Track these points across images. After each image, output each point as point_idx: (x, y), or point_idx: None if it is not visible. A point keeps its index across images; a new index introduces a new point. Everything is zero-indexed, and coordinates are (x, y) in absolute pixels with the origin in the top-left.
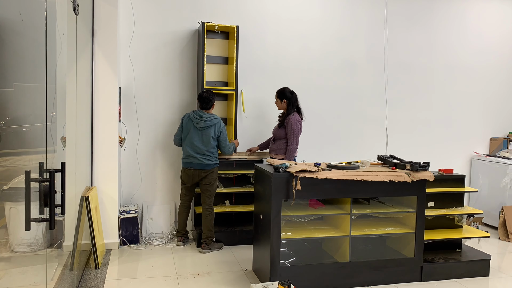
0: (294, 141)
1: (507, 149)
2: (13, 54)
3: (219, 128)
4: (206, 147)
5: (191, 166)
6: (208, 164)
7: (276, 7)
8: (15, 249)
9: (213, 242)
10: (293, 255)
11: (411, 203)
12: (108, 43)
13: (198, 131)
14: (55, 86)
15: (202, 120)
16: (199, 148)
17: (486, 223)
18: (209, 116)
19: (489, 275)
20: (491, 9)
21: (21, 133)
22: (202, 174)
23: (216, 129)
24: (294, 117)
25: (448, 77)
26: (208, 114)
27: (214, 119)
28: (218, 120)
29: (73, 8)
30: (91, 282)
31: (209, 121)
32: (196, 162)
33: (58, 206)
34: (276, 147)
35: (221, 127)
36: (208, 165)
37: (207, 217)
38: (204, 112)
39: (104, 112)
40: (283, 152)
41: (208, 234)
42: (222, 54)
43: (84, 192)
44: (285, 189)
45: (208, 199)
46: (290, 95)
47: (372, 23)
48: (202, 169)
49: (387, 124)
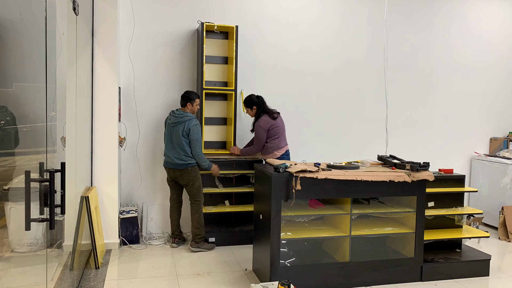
0: (256, 145)
1: (507, 149)
2: (13, 54)
3: (188, 126)
4: (177, 145)
5: (166, 164)
6: (180, 163)
7: (276, 7)
8: (15, 249)
9: (203, 242)
10: (293, 255)
11: (411, 203)
12: (108, 43)
13: (170, 128)
14: (55, 86)
15: (174, 116)
16: (171, 146)
17: (486, 223)
18: (181, 113)
19: (489, 275)
20: (491, 9)
21: (21, 133)
22: (177, 173)
23: (186, 126)
24: (260, 122)
25: (448, 77)
26: (182, 111)
27: (185, 116)
28: (190, 118)
29: (73, 8)
30: (91, 282)
31: (180, 117)
32: (169, 161)
33: (58, 206)
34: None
35: (191, 124)
36: (179, 164)
37: (194, 215)
38: (179, 110)
39: (104, 112)
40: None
41: (196, 232)
42: (221, 54)
43: (84, 192)
44: (285, 189)
45: (192, 198)
46: (257, 100)
47: (372, 24)
48: (175, 168)
49: (387, 124)
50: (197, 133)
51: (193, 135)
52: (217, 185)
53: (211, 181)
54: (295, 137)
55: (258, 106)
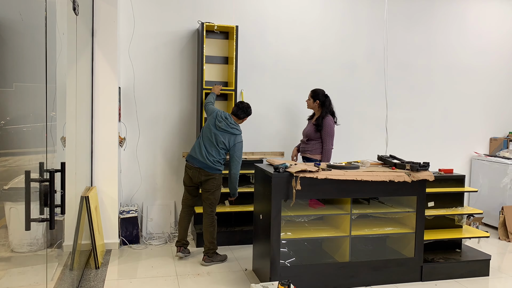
0: (330, 142)
1: (507, 149)
2: (13, 54)
3: (234, 141)
4: (215, 149)
5: (193, 161)
6: (211, 166)
7: (276, 7)
8: (15, 249)
9: (216, 254)
10: (293, 255)
11: (411, 203)
12: (108, 43)
13: (216, 130)
14: (55, 86)
15: (226, 122)
16: (209, 145)
17: (486, 223)
18: (234, 124)
19: (489, 275)
20: (491, 9)
21: (21, 133)
22: (202, 176)
23: (231, 140)
24: (330, 119)
25: (448, 77)
26: (235, 122)
27: (235, 129)
28: (238, 133)
29: (73, 8)
30: (91, 282)
31: (230, 128)
32: (200, 159)
33: (58, 206)
34: (312, 148)
35: (237, 141)
36: (210, 167)
37: (208, 228)
38: (232, 118)
39: (104, 112)
40: (319, 152)
41: (210, 246)
42: (221, 54)
43: (84, 192)
44: (285, 189)
45: (208, 208)
46: (323, 98)
47: (372, 24)
48: (203, 169)
49: (387, 124)
50: (240, 151)
51: (237, 152)
52: None
53: None
54: (295, 137)
55: (323, 104)
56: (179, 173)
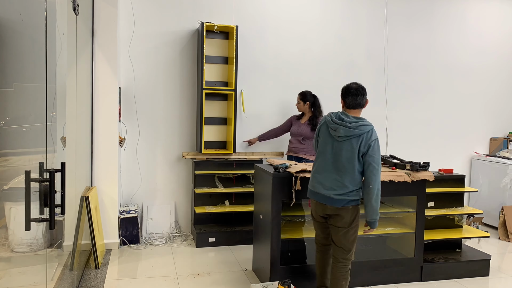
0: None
1: (507, 149)
2: (13, 54)
3: (368, 140)
4: (340, 171)
5: (314, 196)
6: (338, 199)
7: (276, 7)
8: (15, 249)
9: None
10: (293, 255)
11: (411, 203)
12: (108, 43)
13: (334, 144)
14: (55, 86)
15: (343, 125)
16: (330, 169)
17: (486, 223)
18: (356, 120)
19: (489, 275)
20: (491, 9)
21: (21, 133)
22: (328, 210)
23: (364, 142)
24: None
25: (448, 77)
26: (354, 117)
27: (362, 126)
28: (369, 128)
29: (73, 8)
30: (91, 282)
31: (354, 127)
32: (321, 192)
33: (58, 206)
34: (307, 148)
35: (371, 139)
36: (336, 200)
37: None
38: (348, 114)
39: (104, 112)
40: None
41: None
42: (221, 54)
43: (84, 192)
44: (285, 189)
45: (339, 252)
46: (312, 99)
47: (372, 24)
48: (327, 204)
49: (387, 124)
50: (378, 153)
51: (375, 155)
52: (217, 185)
53: (211, 181)
54: None
55: (313, 104)
56: (179, 173)
